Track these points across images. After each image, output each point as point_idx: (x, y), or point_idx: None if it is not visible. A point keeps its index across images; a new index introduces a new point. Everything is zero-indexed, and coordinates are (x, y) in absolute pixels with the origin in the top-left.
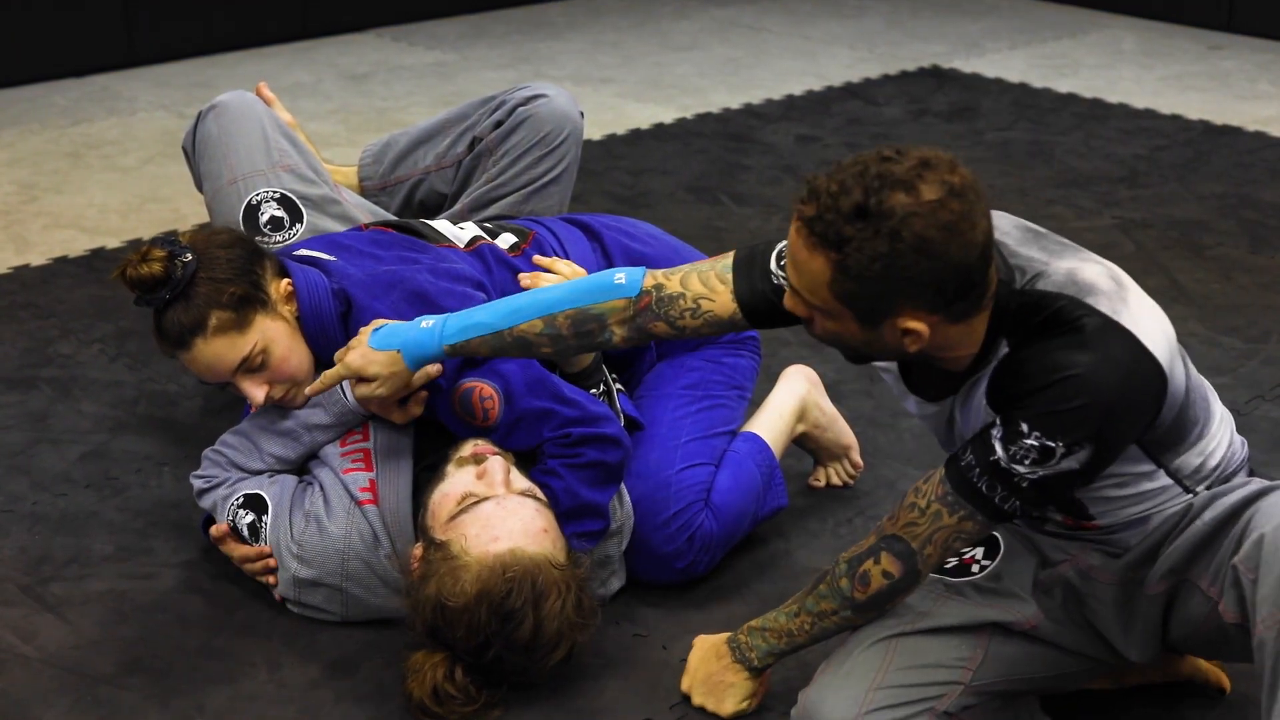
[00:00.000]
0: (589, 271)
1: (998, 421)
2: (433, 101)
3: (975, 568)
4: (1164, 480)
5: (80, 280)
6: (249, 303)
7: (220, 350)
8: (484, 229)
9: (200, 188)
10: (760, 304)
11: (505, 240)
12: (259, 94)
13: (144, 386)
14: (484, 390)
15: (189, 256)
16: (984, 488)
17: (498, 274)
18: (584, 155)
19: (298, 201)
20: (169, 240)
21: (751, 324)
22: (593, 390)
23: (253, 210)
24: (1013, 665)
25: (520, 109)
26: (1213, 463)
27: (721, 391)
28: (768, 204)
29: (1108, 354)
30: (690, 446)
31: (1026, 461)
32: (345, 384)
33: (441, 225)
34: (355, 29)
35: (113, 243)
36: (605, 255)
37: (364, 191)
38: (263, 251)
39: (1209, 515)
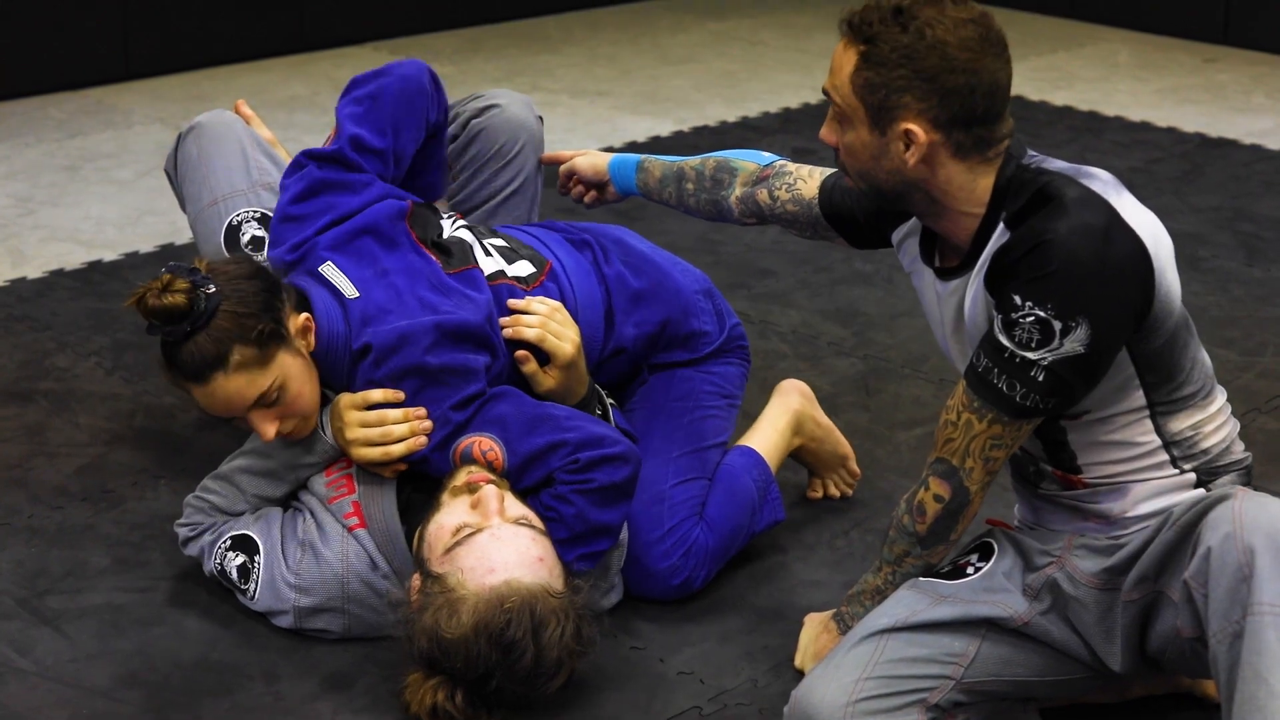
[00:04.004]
0: (583, 312)
1: (996, 313)
2: None
3: (970, 570)
4: (1151, 438)
5: (77, 293)
6: (273, 339)
7: (239, 386)
8: (502, 251)
9: (184, 209)
10: (835, 197)
11: (522, 269)
12: (238, 112)
13: (140, 399)
14: (483, 444)
15: (213, 289)
16: (1004, 386)
17: (506, 314)
18: None
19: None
20: (190, 269)
21: (822, 212)
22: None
23: (234, 231)
24: (1005, 665)
25: (474, 121)
26: (1205, 444)
27: (711, 401)
28: None
29: (1083, 220)
30: (682, 461)
31: (1032, 344)
32: (324, 420)
33: (473, 241)
34: (352, 42)
35: (109, 256)
36: (607, 293)
37: None
38: (281, 283)
39: (1179, 523)
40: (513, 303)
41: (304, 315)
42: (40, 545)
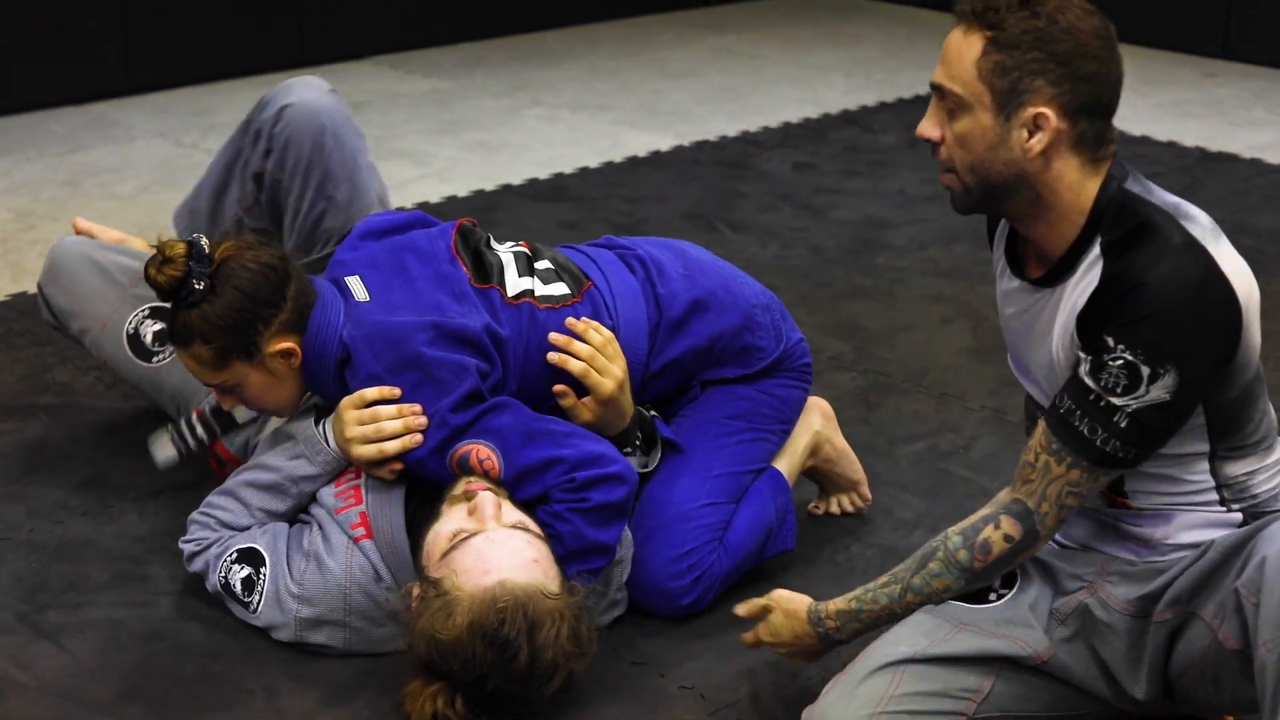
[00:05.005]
0: (625, 331)
1: (1085, 355)
2: (429, 129)
3: (993, 596)
4: (1205, 478)
5: None
6: (229, 352)
7: (194, 368)
8: (540, 274)
9: (84, 345)
10: None
11: (557, 290)
12: (76, 231)
13: (141, 414)
14: (480, 452)
15: (200, 285)
16: (1085, 430)
17: (530, 335)
18: (582, 183)
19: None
20: (200, 255)
21: None
22: (626, 451)
23: (136, 340)
24: (1018, 700)
25: (276, 129)
26: (1258, 489)
27: (768, 425)
28: (764, 231)
29: (1181, 268)
30: (719, 482)
31: (1118, 390)
32: (327, 430)
33: (509, 263)
34: (352, 57)
35: None
36: (659, 310)
37: None
38: (278, 304)
39: (1220, 544)
40: (570, 322)
41: (286, 343)
42: (40, 560)
